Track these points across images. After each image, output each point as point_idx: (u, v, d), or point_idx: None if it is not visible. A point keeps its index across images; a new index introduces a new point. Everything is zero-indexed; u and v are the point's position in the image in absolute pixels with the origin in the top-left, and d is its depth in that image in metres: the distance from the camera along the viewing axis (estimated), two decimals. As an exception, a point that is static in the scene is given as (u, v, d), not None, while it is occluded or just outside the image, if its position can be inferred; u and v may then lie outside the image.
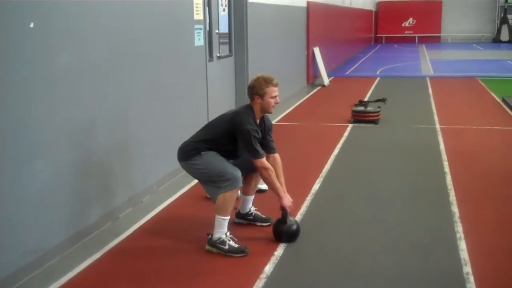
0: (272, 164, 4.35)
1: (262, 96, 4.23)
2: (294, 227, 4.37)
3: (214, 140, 4.23)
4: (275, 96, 4.28)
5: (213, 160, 4.17)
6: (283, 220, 4.34)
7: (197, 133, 4.41)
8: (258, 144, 4.20)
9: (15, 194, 3.69)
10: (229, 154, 4.26)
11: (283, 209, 4.32)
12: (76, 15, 4.26)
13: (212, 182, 4.17)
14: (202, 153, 4.18)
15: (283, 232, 4.34)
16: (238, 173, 4.10)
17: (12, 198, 3.66)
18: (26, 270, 3.77)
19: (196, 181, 5.88)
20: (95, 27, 4.50)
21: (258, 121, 4.31)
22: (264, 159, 4.20)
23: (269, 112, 4.34)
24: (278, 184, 4.27)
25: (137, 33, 5.18)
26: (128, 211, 5.04)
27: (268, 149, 4.44)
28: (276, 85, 4.29)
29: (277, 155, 4.48)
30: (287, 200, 4.32)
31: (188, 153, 4.25)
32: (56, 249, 4.08)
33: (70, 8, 4.18)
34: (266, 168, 4.19)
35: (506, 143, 7.72)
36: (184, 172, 6.06)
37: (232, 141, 4.20)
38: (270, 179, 4.23)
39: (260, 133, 4.28)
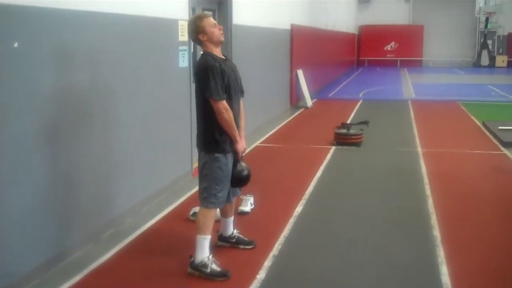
0: None
1: (203, 31, 4.12)
2: (245, 172, 4.32)
3: (201, 105, 4.14)
4: (215, 24, 4.18)
5: (223, 172, 4.13)
6: (234, 164, 4.29)
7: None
8: (220, 83, 4.02)
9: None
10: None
11: (236, 153, 4.26)
12: (59, 37, 4.25)
13: (205, 184, 4.16)
14: (216, 154, 4.10)
15: (233, 176, 4.28)
16: (223, 200, 4.15)
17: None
18: (5, 293, 3.72)
19: (179, 202, 5.89)
20: (78, 49, 4.50)
21: (222, 56, 4.19)
22: (224, 102, 4.05)
23: (221, 41, 4.18)
24: (235, 127, 4.15)
25: (121, 55, 5.19)
26: (110, 232, 4.99)
27: (238, 92, 4.32)
28: (209, 16, 4.21)
29: (241, 100, 4.39)
30: (241, 145, 4.25)
31: (205, 143, 4.17)
32: (35, 271, 4.02)
33: (53, 30, 4.18)
34: (226, 109, 4.05)
35: (487, 167, 7.79)
36: (167, 193, 6.07)
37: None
38: (229, 121, 4.08)
39: (225, 68, 4.09)
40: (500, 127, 10.02)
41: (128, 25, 5.30)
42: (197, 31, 4.15)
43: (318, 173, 7.25)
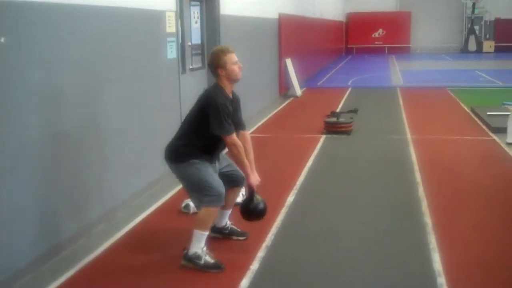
0: (242, 140, 4.31)
1: (223, 66, 4.18)
2: (261, 205, 4.37)
3: (195, 132, 4.17)
4: (236, 62, 4.23)
5: (201, 171, 4.10)
6: (250, 198, 4.34)
7: (179, 128, 4.34)
8: (229, 120, 4.13)
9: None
10: (211, 147, 4.18)
11: (250, 187, 4.31)
12: (47, 31, 4.22)
13: (195, 192, 4.15)
14: (191, 161, 4.12)
15: (250, 210, 4.35)
16: (223, 191, 4.10)
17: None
18: (-3, 290, 3.71)
19: (171, 194, 5.88)
20: (65, 42, 4.46)
21: (230, 95, 4.27)
22: (234, 136, 4.15)
23: (237, 79, 4.27)
24: (246, 162, 4.23)
25: (109, 47, 5.15)
26: (102, 226, 4.97)
27: (239, 126, 4.40)
28: (233, 51, 4.26)
29: (246, 132, 4.47)
30: (254, 178, 4.31)
31: (177, 156, 4.19)
32: (28, 267, 4.00)
33: (41, 24, 4.14)
34: (235, 145, 4.14)
35: (476, 153, 7.85)
36: (158, 185, 6.05)
37: (208, 125, 4.13)
38: (239, 156, 4.18)
39: (230, 109, 4.19)
40: (488, 113, 10.14)
41: (115, 17, 5.26)
42: (217, 64, 4.18)
43: (309, 163, 7.27)
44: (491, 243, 4.64)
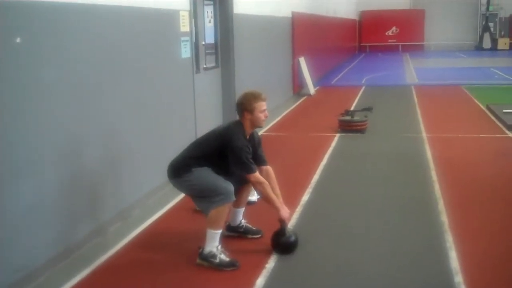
0: (266, 176, 4.35)
1: (251, 111, 4.23)
2: (292, 238, 4.37)
3: (205, 157, 4.21)
4: (264, 110, 4.29)
5: (205, 175, 4.15)
6: (282, 232, 4.33)
7: (187, 149, 4.38)
8: (250, 159, 4.19)
9: (0, 212, 3.64)
10: (220, 171, 4.23)
11: (281, 221, 4.31)
12: (62, 31, 4.23)
13: (204, 197, 4.15)
14: (193, 169, 4.16)
15: (282, 244, 4.34)
16: (231, 187, 4.09)
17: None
18: (15, 288, 3.73)
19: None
20: (80, 43, 4.47)
21: (248, 136, 4.32)
22: (257, 174, 4.20)
23: (260, 127, 4.38)
24: (274, 197, 4.27)
25: (123, 47, 5.17)
26: (117, 225, 4.99)
27: (260, 162, 4.44)
28: (264, 100, 4.31)
29: (269, 167, 4.49)
30: (285, 211, 4.32)
31: (179, 170, 4.22)
32: (45, 266, 4.02)
33: (56, 23, 4.16)
34: (260, 183, 4.20)
35: (492, 151, 7.78)
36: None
37: (223, 158, 4.18)
38: (265, 193, 4.22)
39: (250, 148, 4.26)
40: (504, 110, 10.01)
41: (129, 16, 5.27)
42: (246, 108, 4.25)
43: (324, 161, 7.24)
44: (508, 240, 4.59)
